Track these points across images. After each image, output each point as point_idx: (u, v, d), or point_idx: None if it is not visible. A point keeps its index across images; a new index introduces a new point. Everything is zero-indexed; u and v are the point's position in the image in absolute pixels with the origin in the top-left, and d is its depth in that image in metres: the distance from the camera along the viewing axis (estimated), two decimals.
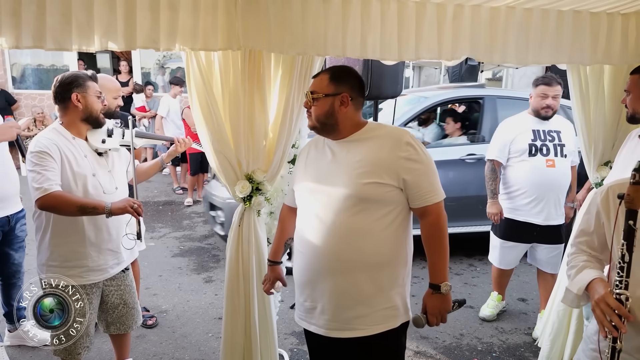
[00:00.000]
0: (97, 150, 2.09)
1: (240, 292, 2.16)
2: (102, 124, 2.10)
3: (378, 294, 1.58)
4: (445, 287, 1.57)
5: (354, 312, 1.59)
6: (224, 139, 2.00)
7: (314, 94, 1.61)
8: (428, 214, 1.59)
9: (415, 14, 1.91)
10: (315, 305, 1.64)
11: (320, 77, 1.63)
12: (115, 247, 2.10)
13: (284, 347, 2.91)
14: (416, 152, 1.55)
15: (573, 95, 2.38)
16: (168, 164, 2.44)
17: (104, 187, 2.05)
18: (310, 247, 1.61)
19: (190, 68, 1.92)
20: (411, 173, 1.53)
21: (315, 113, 1.62)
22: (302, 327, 1.74)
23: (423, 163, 1.56)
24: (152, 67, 10.20)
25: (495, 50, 2.01)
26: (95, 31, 1.71)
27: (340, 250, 1.56)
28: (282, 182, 2.36)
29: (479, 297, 3.64)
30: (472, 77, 9.30)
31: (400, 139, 1.56)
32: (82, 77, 2.03)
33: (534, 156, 2.92)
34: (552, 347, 2.67)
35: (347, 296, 1.58)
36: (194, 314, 3.33)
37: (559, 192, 2.95)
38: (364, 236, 1.55)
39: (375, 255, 1.56)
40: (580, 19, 2.07)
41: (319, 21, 1.81)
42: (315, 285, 1.62)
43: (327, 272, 1.59)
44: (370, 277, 1.57)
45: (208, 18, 1.75)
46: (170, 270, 4.06)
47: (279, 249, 1.90)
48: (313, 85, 1.64)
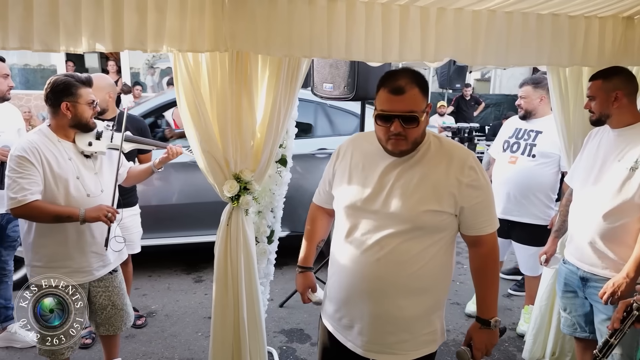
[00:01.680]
0: (84, 153, 2.10)
1: (228, 291, 2.18)
2: (92, 128, 2.11)
3: (421, 319, 1.51)
4: (495, 322, 1.51)
5: (395, 337, 1.51)
6: (212, 139, 2.03)
7: (417, 113, 1.37)
8: (482, 244, 1.51)
9: (399, 17, 1.95)
10: (352, 324, 1.55)
11: (412, 93, 1.37)
12: (100, 249, 2.10)
13: (273, 345, 2.94)
14: (478, 178, 1.43)
15: (553, 96, 2.44)
16: (160, 169, 2.43)
17: (88, 189, 2.06)
18: (352, 266, 1.50)
19: (178, 69, 1.95)
20: (471, 201, 1.43)
21: (413, 136, 1.40)
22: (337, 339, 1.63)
23: (484, 191, 1.45)
24: (142, 67, 10.17)
25: (477, 52, 2.06)
26: (82, 32, 1.72)
27: (386, 276, 1.46)
28: (270, 181, 2.39)
29: (465, 293, 3.70)
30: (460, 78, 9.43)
31: (464, 162, 1.43)
32: (75, 85, 2.02)
33: (504, 152, 3.05)
34: (535, 341, 2.74)
35: (389, 321, 1.50)
36: (184, 313, 3.35)
37: (520, 190, 2.95)
38: (413, 264, 1.45)
39: (422, 282, 1.47)
40: (559, 22, 2.13)
41: (304, 23, 1.85)
42: (355, 305, 1.53)
43: (369, 296, 1.49)
44: (415, 303, 1.48)
45: (195, 20, 1.78)
46: (159, 270, 4.07)
47: (311, 254, 1.75)
48: (407, 104, 1.37)
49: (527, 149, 2.96)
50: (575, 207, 2.14)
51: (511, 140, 3.05)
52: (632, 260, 1.84)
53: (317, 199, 1.76)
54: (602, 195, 1.95)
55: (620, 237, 1.91)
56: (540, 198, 2.98)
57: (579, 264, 2.07)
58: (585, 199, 2.05)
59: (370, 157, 1.53)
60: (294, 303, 3.45)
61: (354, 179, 1.54)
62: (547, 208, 3.01)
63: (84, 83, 2.06)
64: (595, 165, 2.03)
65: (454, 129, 8.41)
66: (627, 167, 1.88)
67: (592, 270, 2.01)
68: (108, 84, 2.87)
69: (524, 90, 2.99)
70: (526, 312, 3.15)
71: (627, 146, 1.92)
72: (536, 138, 2.94)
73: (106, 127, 2.18)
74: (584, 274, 2.05)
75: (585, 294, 2.08)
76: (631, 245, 1.87)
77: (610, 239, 1.94)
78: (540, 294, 2.70)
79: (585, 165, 2.11)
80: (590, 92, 2.02)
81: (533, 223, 2.99)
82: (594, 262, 1.99)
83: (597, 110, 2.00)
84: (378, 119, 1.42)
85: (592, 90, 2.01)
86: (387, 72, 1.45)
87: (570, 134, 2.44)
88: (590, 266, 2.01)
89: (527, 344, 2.79)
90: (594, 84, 2.01)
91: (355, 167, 1.55)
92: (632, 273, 1.83)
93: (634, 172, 1.86)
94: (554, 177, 2.98)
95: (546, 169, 2.93)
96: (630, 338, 1.93)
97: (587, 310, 2.11)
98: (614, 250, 1.93)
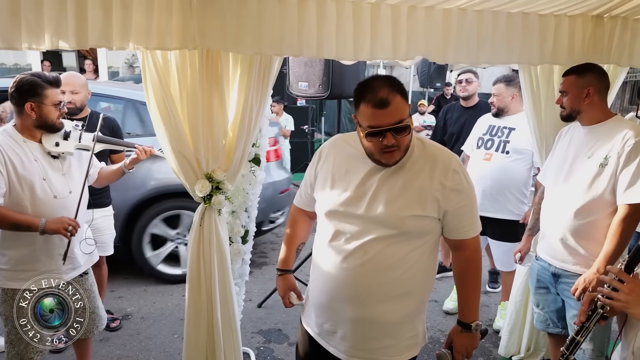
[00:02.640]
0: (51, 153, 2.05)
1: (202, 292, 2.16)
2: (58, 129, 2.05)
3: (404, 324, 1.50)
4: (476, 326, 1.51)
5: (379, 343, 1.50)
6: (182, 139, 2.00)
7: (406, 122, 1.34)
8: (464, 248, 1.50)
9: (370, 15, 1.94)
10: (335, 329, 1.53)
11: (397, 102, 1.33)
12: (69, 251, 2.05)
13: (251, 345, 2.92)
14: (462, 181, 1.42)
15: (525, 94, 2.47)
16: (131, 170, 2.39)
17: (55, 191, 2.01)
18: (335, 272, 1.48)
19: (147, 67, 1.91)
20: (455, 205, 1.42)
21: (404, 144, 1.38)
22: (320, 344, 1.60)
23: (468, 195, 1.44)
24: (121, 66, 10.02)
25: (448, 50, 2.07)
26: (45, 30, 1.68)
27: (369, 281, 1.44)
28: (243, 181, 2.37)
29: (443, 290, 3.73)
30: (440, 77, 9.51)
31: (448, 166, 1.42)
32: (41, 85, 1.96)
33: (478, 149, 3.10)
34: (510, 337, 2.77)
35: (373, 326, 1.48)
36: (160, 315, 3.30)
37: (495, 186, 2.98)
38: (396, 269, 1.43)
39: (406, 287, 1.46)
40: (529, 21, 2.15)
41: (274, 21, 1.83)
42: (337, 311, 1.51)
43: (352, 301, 1.47)
44: (398, 308, 1.48)
45: (162, 17, 1.74)
46: (136, 272, 4.00)
47: (290, 256, 1.73)
48: (395, 115, 1.33)
49: (501, 145, 2.99)
50: (547, 204, 2.16)
51: (485, 137, 3.08)
52: (602, 256, 1.87)
53: (298, 201, 1.73)
54: (573, 192, 1.97)
55: (591, 233, 1.94)
56: (515, 194, 3.02)
57: (550, 260, 2.09)
58: (557, 196, 2.07)
59: (353, 160, 1.50)
60: (272, 303, 3.43)
61: (336, 183, 1.51)
62: (520, 203, 3.05)
63: (51, 83, 1.99)
64: (566, 162, 2.05)
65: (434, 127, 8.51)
66: (597, 163, 1.91)
67: (563, 266, 2.03)
68: (85, 81, 2.85)
69: (497, 88, 3.05)
70: (502, 308, 3.18)
71: (597, 143, 1.95)
72: (509, 135, 2.98)
73: (74, 127, 2.12)
74: (555, 270, 2.07)
75: (557, 290, 2.11)
76: (601, 241, 1.90)
77: (581, 235, 1.96)
78: (515, 291, 2.73)
79: (556, 163, 2.12)
80: (563, 87, 2.03)
81: (507, 219, 3.03)
82: (565, 258, 2.02)
83: (568, 105, 2.01)
84: (368, 136, 1.37)
85: (565, 85, 2.02)
86: (362, 84, 1.40)
87: (542, 131, 2.47)
88: (561, 262, 2.04)
89: (502, 340, 2.82)
90: (567, 79, 2.02)
91: (338, 171, 1.52)
92: (602, 269, 1.85)
93: (604, 168, 1.88)
94: (527, 172, 3.03)
95: (520, 165, 2.97)
96: (602, 333, 1.96)
97: (559, 306, 2.14)
98: (584, 246, 1.96)
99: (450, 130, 3.78)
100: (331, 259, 1.49)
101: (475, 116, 3.64)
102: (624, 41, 2.29)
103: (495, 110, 3.06)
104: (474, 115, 3.65)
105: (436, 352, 1.57)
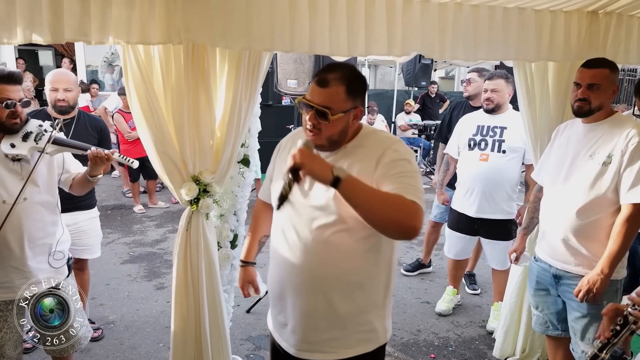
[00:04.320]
0: (8, 156, 1.85)
1: (189, 300, 2.06)
2: (14, 130, 1.85)
3: (354, 316, 1.45)
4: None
5: (327, 334, 1.46)
6: (167, 139, 1.89)
7: (330, 110, 1.34)
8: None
9: (365, 9, 1.87)
10: (286, 322, 1.52)
11: (334, 90, 1.35)
12: (21, 264, 1.87)
13: (240, 353, 2.81)
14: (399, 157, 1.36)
15: (519, 92, 2.42)
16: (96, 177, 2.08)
17: (4, 196, 1.82)
18: (283, 260, 1.48)
19: (128, 63, 1.80)
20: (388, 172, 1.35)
21: (327, 133, 1.37)
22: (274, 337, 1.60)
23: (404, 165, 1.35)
24: (100, 64, 9.77)
25: (445, 46, 2.01)
26: (17, 23, 1.57)
27: (314, 268, 1.41)
28: (231, 183, 2.27)
29: (434, 292, 3.68)
30: (425, 75, 9.49)
31: (388, 146, 1.38)
32: None
33: (472, 150, 3.03)
34: (505, 339, 2.73)
35: (320, 317, 1.45)
36: (144, 323, 3.17)
37: (494, 187, 2.95)
38: (344, 258, 1.40)
39: (353, 276, 1.42)
40: (525, 17, 2.11)
41: (264, 14, 1.74)
42: (286, 301, 1.50)
43: (299, 290, 1.46)
44: (346, 298, 1.43)
45: (144, 9, 1.64)
46: (118, 278, 3.86)
47: (252, 248, 1.72)
48: (325, 99, 1.35)
49: (496, 145, 2.95)
50: (546, 204, 2.09)
51: (477, 137, 3.02)
52: (606, 256, 1.81)
53: (261, 194, 1.72)
54: (574, 191, 1.91)
55: (594, 233, 1.89)
56: (509, 192, 3.00)
57: (551, 262, 2.03)
58: (557, 196, 2.00)
59: None
60: (261, 308, 3.33)
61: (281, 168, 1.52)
62: (512, 202, 3.04)
63: (2, 79, 1.79)
64: (566, 161, 1.99)
65: (420, 126, 8.50)
66: (600, 162, 1.85)
67: (565, 267, 1.97)
68: (76, 79, 2.75)
69: (497, 84, 2.94)
70: (496, 308, 3.14)
71: (598, 141, 1.89)
72: (503, 134, 2.93)
73: (38, 127, 1.91)
74: (556, 272, 2.01)
75: (558, 292, 2.04)
76: (604, 241, 1.84)
77: (584, 236, 1.90)
78: (510, 291, 2.69)
79: (555, 161, 2.06)
80: (597, 80, 1.85)
81: (502, 218, 3.00)
82: (567, 259, 1.95)
83: (597, 100, 1.86)
84: (300, 106, 1.40)
85: (599, 78, 1.85)
86: (329, 64, 1.44)
87: (537, 129, 2.43)
88: (563, 263, 1.97)
89: (497, 342, 2.78)
90: (600, 72, 1.85)
91: (279, 156, 1.55)
92: (606, 269, 1.80)
93: (607, 167, 1.83)
94: (520, 170, 3.03)
95: (515, 163, 2.96)
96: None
97: (559, 308, 2.08)
98: (587, 246, 1.90)
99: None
100: (281, 248, 1.49)
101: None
102: (619, 37, 2.26)
103: (492, 107, 2.97)
104: None
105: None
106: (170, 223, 5.28)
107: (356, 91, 1.38)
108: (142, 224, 5.27)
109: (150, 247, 4.57)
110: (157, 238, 4.83)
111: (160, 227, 5.14)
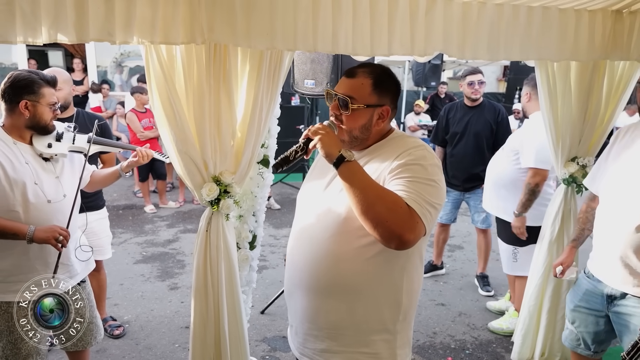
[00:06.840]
0: (42, 155, 1.92)
1: (208, 301, 2.04)
2: (50, 131, 1.94)
3: (353, 333, 1.37)
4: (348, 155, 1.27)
5: (323, 344, 1.40)
6: (189, 139, 1.88)
7: (352, 100, 1.32)
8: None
9: (388, 8, 1.84)
10: (293, 322, 1.53)
11: (360, 81, 1.34)
12: (65, 259, 1.93)
13: (256, 354, 2.80)
14: (411, 160, 1.27)
15: (541, 92, 2.38)
16: (128, 174, 2.26)
17: (48, 195, 1.88)
18: (291, 258, 1.48)
19: (150, 63, 1.79)
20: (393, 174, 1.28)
21: (349, 125, 1.35)
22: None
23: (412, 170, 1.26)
24: (109, 65, 9.80)
25: (467, 45, 1.97)
26: (42, 22, 1.55)
27: (317, 267, 1.38)
28: (251, 183, 2.25)
29: (449, 294, 3.66)
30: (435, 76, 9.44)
31: (406, 149, 1.30)
32: (38, 83, 1.86)
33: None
34: (524, 343, 2.69)
35: (315, 322, 1.41)
36: (159, 323, 3.17)
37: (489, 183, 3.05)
38: (344, 260, 1.34)
39: (352, 280, 1.35)
40: (549, 16, 2.07)
41: (288, 14, 1.72)
42: (292, 299, 1.50)
43: (300, 287, 1.43)
44: (342, 306, 1.36)
45: (168, 9, 1.62)
46: (132, 278, 3.86)
47: None
48: (350, 89, 1.34)
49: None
50: (602, 216, 1.88)
51: None
52: None
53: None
54: (635, 203, 1.71)
55: None
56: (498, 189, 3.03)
57: (606, 280, 1.83)
58: (615, 208, 1.80)
59: None
60: (275, 309, 3.32)
61: (313, 173, 1.55)
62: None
63: (48, 83, 1.90)
64: (627, 169, 1.78)
65: (430, 127, 8.44)
66: None
67: (623, 288, 1.78)
68: (70, 78, 2.78)
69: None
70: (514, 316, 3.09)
71: None
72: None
73: (67, 129, 2.01)
74: (611, 292, 1.82)
75: (610, 312, 1.85)
76: None
77: None
78: (529, 295, 2.65)
79: (613, 169, 1.85)
80: None
81: (507, 220, 2.97)
82: (626, 279, 1.75)
83: None
84: (327, 98, 1.42)
85: None
86: (363, 62, 1.50)
87: (559, 130, 2.40)
88: (621, 283, 1.78)
89: (515, 345, 2.74)
90: None
91: (317, 162, 1.56)
92: None
93: None
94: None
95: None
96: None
97: (599, 329, 1.92)
98: None
99: (453, 129, 3.70)
100: (292, 246, 1.50)
101: (480, 116, 3.58)
102: None
103: (522, 115, 2.99)
104: (479, 115, 3.59)
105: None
106: (181, 223, 5.29)
107: (384, 89, 1.37)
108: (154, 224, 5.28)
109: (162, 247, 4.58)
110: (169, 238, 4.83)
111: (172, 227, 5.15)
